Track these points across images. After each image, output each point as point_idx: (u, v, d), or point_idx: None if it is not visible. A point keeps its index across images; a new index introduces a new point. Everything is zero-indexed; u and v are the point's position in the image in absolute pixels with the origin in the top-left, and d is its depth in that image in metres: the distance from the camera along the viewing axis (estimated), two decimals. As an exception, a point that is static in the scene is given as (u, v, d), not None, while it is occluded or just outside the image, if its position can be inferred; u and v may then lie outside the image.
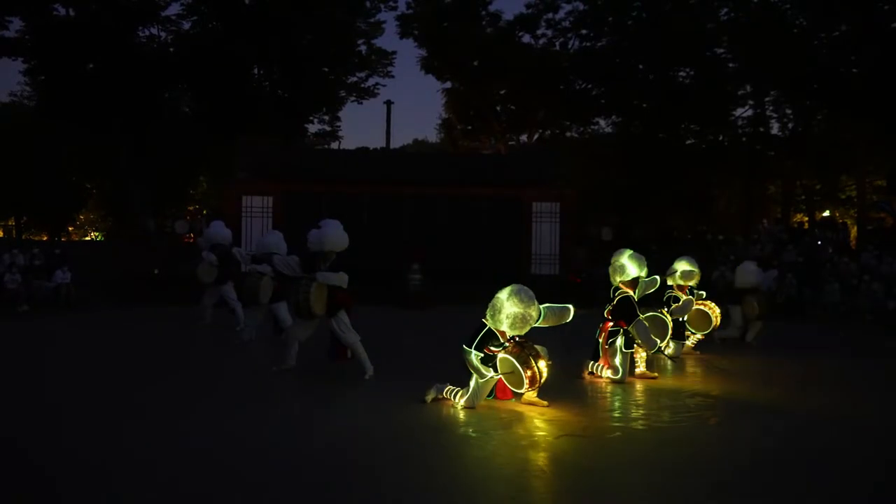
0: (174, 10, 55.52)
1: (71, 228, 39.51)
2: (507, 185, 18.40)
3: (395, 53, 30.87)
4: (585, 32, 28.79)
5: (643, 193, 27.09)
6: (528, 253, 18.21)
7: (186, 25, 28.04)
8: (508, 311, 5.61)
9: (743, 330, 10.15)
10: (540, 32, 29.44)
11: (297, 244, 7.86)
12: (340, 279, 6.91)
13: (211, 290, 10.84)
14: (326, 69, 29.85)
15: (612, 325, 7.25)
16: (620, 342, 7.08)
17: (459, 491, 3.92)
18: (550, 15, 28.87)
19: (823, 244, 18.56)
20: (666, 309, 8.22)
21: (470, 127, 32.29)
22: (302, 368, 7.23)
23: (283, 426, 5.23)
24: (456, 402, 5.80)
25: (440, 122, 35.14)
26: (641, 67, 28.33)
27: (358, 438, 4.91)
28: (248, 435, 4.90)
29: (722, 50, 27.59)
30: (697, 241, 22.59)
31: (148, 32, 27.95)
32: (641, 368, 7.42)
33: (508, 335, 5.68)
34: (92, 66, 26.55)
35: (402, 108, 76.37)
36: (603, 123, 31.62)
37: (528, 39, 29.69)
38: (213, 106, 27.74)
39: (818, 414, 5.97)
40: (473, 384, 5.76)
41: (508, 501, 3.78)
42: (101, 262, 17.89)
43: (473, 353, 5.67)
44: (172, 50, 28.03)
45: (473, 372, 5.73)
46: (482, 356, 5.65)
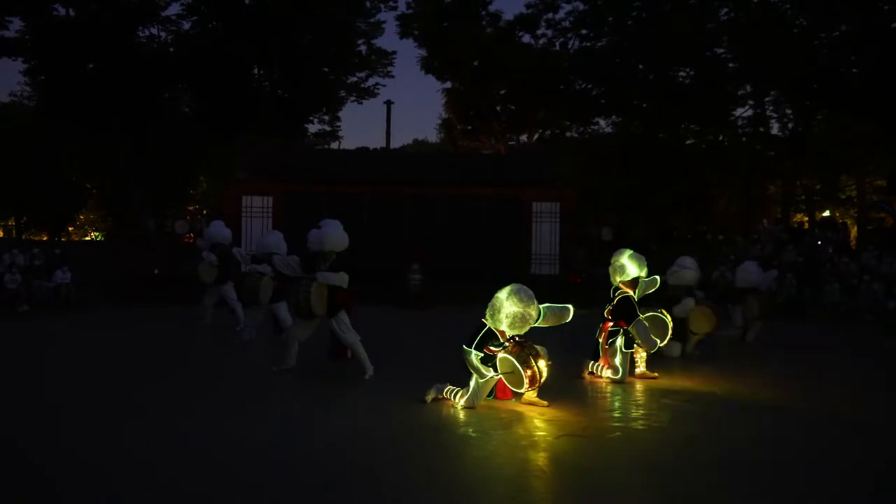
0: (174, 10, 55.56)
1: (71, 228, 39.52)
2: (507, 185, 18.40)
3: (395, 53, 30.98)
4: (585, 32, 28.80)
5: (643, 193, 27.09)
6: (528, 253, 18.20)
7: (186, 25, 28.11)
8: (508, 310, 5.61)
9: (743, 330, 10.16)
10: (540, 32, 29.51)
11: (297, 244, 7.85)
12: (340, 279, 6.92)
13: (211, 290, 10.85)
14: (326, 69, 29.85)
15: (612, 325, 7.25)
16: (620, 342, 7.08)
17: (459, 491, 3.92)
18: (550, 15, 28.93)
19: (823, 244, 18.56)
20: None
21: (470, 127, 32.29)
22: (302, 368, 7.23)
23: (283, 426, 5.23)
24: (456, 402, 5.80)
25: (440, 122, 35.23)
26: (641, 67, 28.33)
27: (358, 438, 4.90)
28: (248, 435, 4.90)
29: (722, 50, 27.59)
30: (697, 241, 22.59)
31: (148, 32, 28.02)
32: (641, 368, 7.41)
33: (508, 335, 5.68)
34: (92, 66, 26.54)
35: (402, 108, 76.58)
36: (603, 123, 31.72)
37: (528, 39, 29.77)
38: (213, 106, 27.74)
39: (818, 414, 5.97)
40: (473, 384, 5.76)
41: (508, 501, 3.78)
42: (101, 262, 17.89)
43: (473, 352, 5.67)
44: (172, 50, 28.03)
45: (473, 372, 5.73)
46: (482, 356, 5.65)
